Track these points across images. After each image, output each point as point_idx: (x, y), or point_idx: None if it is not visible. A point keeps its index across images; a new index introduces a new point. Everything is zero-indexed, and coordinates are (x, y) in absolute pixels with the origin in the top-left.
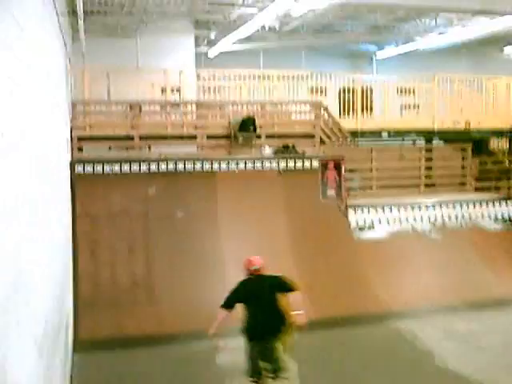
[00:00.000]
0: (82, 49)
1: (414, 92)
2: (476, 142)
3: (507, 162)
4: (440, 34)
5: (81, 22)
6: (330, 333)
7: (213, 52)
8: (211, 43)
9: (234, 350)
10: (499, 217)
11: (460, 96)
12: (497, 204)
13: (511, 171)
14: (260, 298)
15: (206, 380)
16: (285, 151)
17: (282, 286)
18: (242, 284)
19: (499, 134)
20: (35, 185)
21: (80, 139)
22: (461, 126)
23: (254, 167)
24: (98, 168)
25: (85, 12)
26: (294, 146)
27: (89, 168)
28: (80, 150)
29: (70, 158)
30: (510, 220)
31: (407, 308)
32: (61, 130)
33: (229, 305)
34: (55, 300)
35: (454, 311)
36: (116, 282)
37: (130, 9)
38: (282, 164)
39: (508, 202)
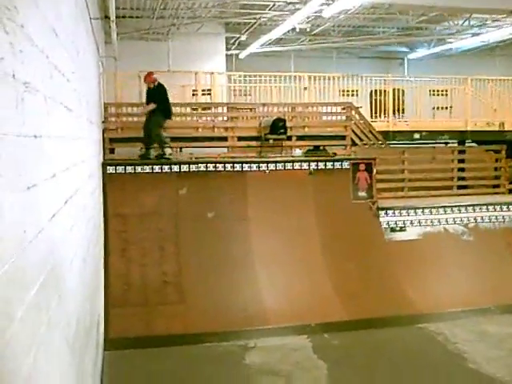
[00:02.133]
0: (114, 52)
1: (446, 93)
2: (510, 144)
3: None
4: (473, 35)
5: (113, 26)
6: (361, 334)
7: (244, 54)
8: (242, 45)
9: (262, 350)
10: None
11: (494, 97)
12: None
13: None
14: None
15: (233, 379)
16: (316, 152)
17: None
18: None
19: None
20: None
21: (112, 140)
22: (495, 127)
23: (284, 168)
24: (130, 169)
25: (117, 16)
26: (324, 148)
27: (120, 169)
28: (112, 151)
29: (101, 159)
30: None
31: (439, 310)
32: (94, 131)
33: None
34: (87, 300)
35: (488, 314)
36: (146, 281)
37: (161, 13)
38: (313, 165)
39: None
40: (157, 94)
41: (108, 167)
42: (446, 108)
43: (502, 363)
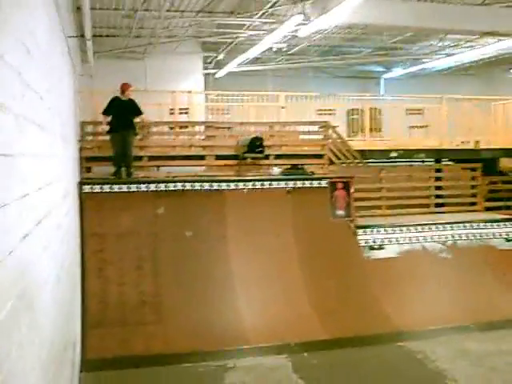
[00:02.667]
0: (90, 70)
1: (422, 112)
2: (485, 162)
3: None
4: (447, 55)
5: (89, 44)
6: (340, 353)
7: (221, 73)
8: (219, 64)
9: (241, 370)
10: (510, 236)
11: (468, 116)
12: (508, 223)
13: None
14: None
15: None
16: (293, 171)
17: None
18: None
19: (509, 153)
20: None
21: (88, 159)
22: (470, 145)
23: (262, 187)
24: (106, 188)
25: (94, 35)
26: (302, 166)
27: (97, 188)
28: (88, 170)
29: (78, 178)
30: None
31: (418, 328)
32: (70, 150)
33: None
34: (62, 320)
35: (466, 331)
36: (124, 301)
37: (138, 31)
38: (291, 184)
39: None
40: (129, 107)
41: (84, 186)
42: (422, 127)
43: (481, 380)
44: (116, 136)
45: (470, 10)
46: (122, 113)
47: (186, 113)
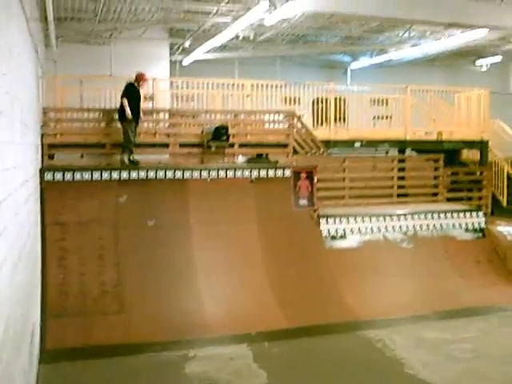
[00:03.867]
0: (54, 55)
1: (387, 103)
2: (448, 153)
3: (478, 172)
4: (413, 45)
5: (52, 27)
6: (301, 342)
7: (187, 60)
8: (186, 51)
9: (202, 359)
10: (470, 227)
11: (432, 107)
12: (468, 214)
13: (482, 182)
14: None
15: None
16: (258, 160)
17: None
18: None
19: (471, 145)
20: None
21: (51, 146)
22: (433, 136)
23: (226, 176)
24: (68, 176)
25: (58, 18)
26: (267, 156)
27: (59, 176)
28: (50, 157)
29: (39, 166)
30: (480, 230)
31: (378, 317)
32: (30, 136)
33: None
34: (18, 309)
35: (425, 320)
36: (85, 290)
37: (103, 15)
38: (255, 173)
39: (479, 212)
40: (138, 97)
41: (46, 173)
42: (387, 117)
43: (438, 368)
44: (132, 123)
45: (435, 0)
46: (137, 101)
47: (152, 99)
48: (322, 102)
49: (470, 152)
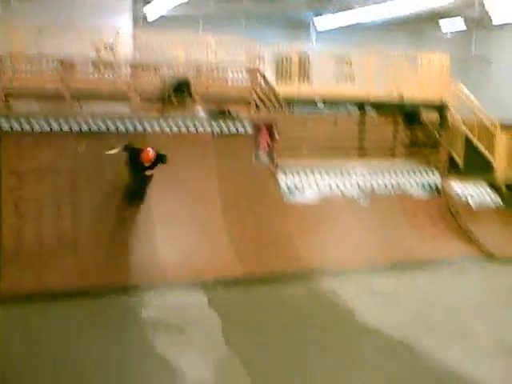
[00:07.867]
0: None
1: (350, 64)
2: (408, 114)
3: (437, 134)
4: (375, 3)
5: None
6: (254, 289)
7: (152, 15)
8: (149, 3)
9: (158, 305)
10: (426, 185)
11: (395, 69)
12: (424, 173)
13: (440, 143)
14: None
15: (125, 334)
16: (221, 115)
17: None
18: None
19: (431, 107)
20: None
21: (7, 96)
22: (394, 98)
23: (187, 130)
24: (27, 126)
25: None
26: (229, 111)
27: (16, 125)
28: (8, 107)
29: None
30: (435, 188)
31: (332, 268)
32: None
33: None
34: None
35: (379, 271)
36: (41, 237)
37: None
38: (217, 127)
39: (435, 171)
40: None
41: (2, 122)
42: (350, 78)
43: (390, 317)
44: None
45: None
46: None
47: (112, 50)
48: (286, 61)
49: (431, 114)
